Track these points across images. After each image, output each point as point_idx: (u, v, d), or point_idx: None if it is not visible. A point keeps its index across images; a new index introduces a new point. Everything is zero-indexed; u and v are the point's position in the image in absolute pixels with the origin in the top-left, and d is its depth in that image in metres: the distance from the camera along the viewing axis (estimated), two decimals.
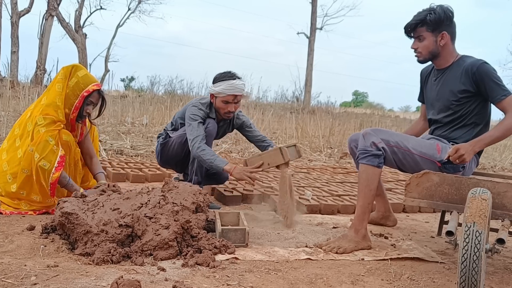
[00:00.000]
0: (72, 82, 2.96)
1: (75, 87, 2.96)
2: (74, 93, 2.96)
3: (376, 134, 2.56)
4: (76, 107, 2.98)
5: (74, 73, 2.98)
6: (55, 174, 2.76)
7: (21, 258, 2.05)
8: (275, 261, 2.28)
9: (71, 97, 2.97)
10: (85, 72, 3.02)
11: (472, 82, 2.57)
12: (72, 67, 3.00)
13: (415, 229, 3.19)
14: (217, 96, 3.31)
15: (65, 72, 2.97)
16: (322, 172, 5.45)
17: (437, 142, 2.62)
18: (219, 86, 3.28)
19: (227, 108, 3.32)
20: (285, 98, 22.66)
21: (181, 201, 2.45)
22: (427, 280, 2.18)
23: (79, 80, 2.97)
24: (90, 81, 3.00)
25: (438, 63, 2.73)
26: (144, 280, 1.87)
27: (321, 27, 23.06)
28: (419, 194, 2.32)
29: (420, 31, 2.65)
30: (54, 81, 3.00)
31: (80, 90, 2.97)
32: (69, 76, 2.97)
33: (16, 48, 16.32)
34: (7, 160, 2.88)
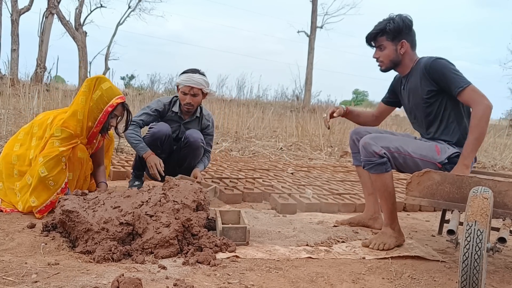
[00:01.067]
0: (96, 95, 2.91)
1: (99, 100, 2.91)
2: (98, 106, 2.92)
3: (375, 142, 2.56)
4: (100, 121, 2.94)
5: (98, 85, 2.92)
6: (59, 194, 2.72)
7: (21, 256, 2.05)
8: (276, 260, 2.28)
9: (95, 111, 2.92)
10: (109, 84, 2.96)
11: (432, 80, 2.57)
12: (96, 79, 2.95)
13: (416, 228, 3.19)
14: (179, 87, 3.53)
15: (89, 84, 2.92)
16: (322, 170, 5.45)
17: (435, 144, 2.62)
18: (180, 78, 3.52)
19: (185, 99, 3.50)
20: (285, 96, 22.67)
21: (182, 199, 2.45)
22: (428, 279, 2.18)
23: (103, 93, 2.92)
24: (114, 94, 2.95)
25: (400, 70, 2.77)
26: (145, 278, 1.87)
27: (322, 25, 23.03)
28: (420, 192, 2.32)
29: (380, 41, 2.68)
30: (79, 93, 2.96)
31: (104, 104, 2.92)
32: (93, 89, 2.92)
33: (16, 46, 16.29)
34: (18, 153, 2.87)
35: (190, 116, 3.62)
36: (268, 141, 7.83)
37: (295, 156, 6.73)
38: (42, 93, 8.86)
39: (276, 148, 7.14)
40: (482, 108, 2.43)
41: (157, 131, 3.42)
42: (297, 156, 6.74)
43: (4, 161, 2.89)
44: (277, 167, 5.30)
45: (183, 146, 3.51)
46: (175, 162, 3.59)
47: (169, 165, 3.53)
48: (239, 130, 8.44)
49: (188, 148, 3.51)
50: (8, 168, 2.85)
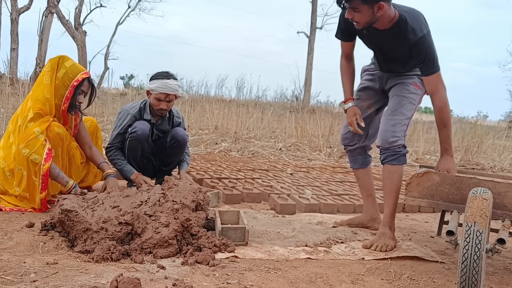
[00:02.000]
0: (60, 73, 2.94)
1: (64, 77, 2.94)
2: (64, 83, 2.94)
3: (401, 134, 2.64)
4: (67, 97, 2.96)
5: (61, 64, 2.95)
6: (45, 165, 2.75)
7: (20, 255, 2.05)
8: (275, 260, 2.27)
9: (61, 88, 2.94)
10: (72, 62, 3.00)
11: (413, 52, 2.57)
12: (59, 58, 2.98)
13: (415, 229, 3.19)
14: (151, 93, 3.40)
15: (52, 63, 2.95)
16: (321, 171, 5.45)
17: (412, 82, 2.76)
18: (153, 84, 3.36)
19: (159, 105, 3.40)
20: (285, 97, 22.67)
21: (181, 199, 2.45)
22: (427, 280, 2.17)
23: (68, 70, 2.94)
24: (78, 70, 2.98)
25: (376, 25, 2.61)
26: (144, 278, 1.87)
27: (321, 26, 23.03)
28: (420, 193, 2.32)
29: (355, 4, 2.46)
30: (42, 74, 2.98)
31: (70, 80, 2.94)
32: (56, 68, 2.94)
33: (15, 45, 16.28)
34: (3, 157, 2.87)
35: (161, 117, 3.56)
36: (268, 142, 7.83)
37: (294, 157, 6.73)
38: None
39: (275, 149, 7.14)
40: (443, 97, 2.56)
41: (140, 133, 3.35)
42: (296, 157, 6.74)
43: None
44: (276, 168, 5.30)
45: (170, 145, 3.48)
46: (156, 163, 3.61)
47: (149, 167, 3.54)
48: (238, 131, 8.43)
49: (177, 147, 3.52)
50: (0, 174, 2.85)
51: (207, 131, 8.36)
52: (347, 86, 2.92)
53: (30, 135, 2.76)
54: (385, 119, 2.76)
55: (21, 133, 2.82)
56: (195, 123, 8.95)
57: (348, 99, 2.88)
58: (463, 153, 7.99)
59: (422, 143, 8.57)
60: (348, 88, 2.92)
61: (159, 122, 3.53)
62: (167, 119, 3.57)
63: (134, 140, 3.32)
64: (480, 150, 8.13)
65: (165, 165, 3.60)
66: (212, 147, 6.77)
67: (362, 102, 2.95)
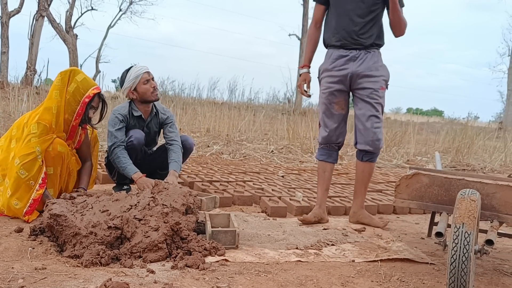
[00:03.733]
0: (71, 88, 2.90)
1: (75, 92, 2.90)
2: (75, 99, 2.91)
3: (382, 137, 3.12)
4: (78, 113, 2.93)
5: (72, 78, 2.91)
6: (38, 191, 2.71)
7: (8, 260, 2.03)
8: (265, 263, 2.27)
9: (72, 103, 2.91)
10: (83, 76, 2.96)
11: None
12: (70, 71, 2.94)
13: (405, 231, 3.20)
14: (137, 83, 3.41)
15: (63, 77, 2.91)
16: (313, 173, 5.45)
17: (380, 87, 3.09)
18: (131, 75, 3.41)
19: (151, 85, 3.43)
20: (277, 99, 22.75)
21: (171, 203, 2.44)
22: (417, 282, 2.18)
23: (79, 85, 2.91)
24: (89, 86, 2.95)
25: None
26: (133, 283, 1.86)
27: None
28: (409, 195, 2.33)
29: None
30: (52, 87, 2.94)
31: (81, 96, 2.91)
32: (67, 82, 2.91)
33: (6, 48, 16.18)
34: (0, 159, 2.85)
35: (150, 115, 3.56)
36: (259, 144, 7.84)
37: (286, 159, 6.73)
38: (31, 96, 8.81)
39: (267, 151, 7.14)
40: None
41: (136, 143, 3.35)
42: (288, 159, 6.75)
43: None
44: (267, 170, 5.30)
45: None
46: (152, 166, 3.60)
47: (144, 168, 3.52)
48: (230, 133, 8.43)
49: (185, 154, 3.61)
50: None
51: (199, 134, 8.36)
52: (308, 54, 3.31)
53: (30, 154, 2.70)
54: (366, 125, 3.07)
55: (23, 144, 2.77)
56: (187, 126, 8.94)
57: (305, 65, 3.29)
58: (454, 154, 8.04)
59: (413, 145, 8.61)
60: (309, 55, 3.31)
61: (148, 120, 3.54)
62: (156, 116, 3.58)
63: (129, 149, 3.33)
64: (470, 151, 8.19)
65: (163, 169, 3.58)
66: (204, 150, 6.77)
67: (336, 105, 3.14)
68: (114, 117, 3.40)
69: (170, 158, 3.42)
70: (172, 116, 3.67)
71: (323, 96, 3.14)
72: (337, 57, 3.08)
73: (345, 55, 3.06)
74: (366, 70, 3.03)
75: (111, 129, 3.37)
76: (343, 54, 3.07)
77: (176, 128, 3.64)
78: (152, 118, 3.56)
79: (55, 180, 2.90)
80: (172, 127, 3.60)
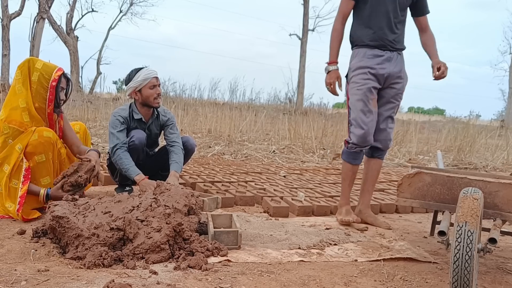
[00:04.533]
0: (35, 77, 2.89)
1: (40, 79, 2.90)
2: (42, 86, 2.90)
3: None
4: (50, 99, 2.93)
5: (32, 67, 2.90)
6: (22, 188, 2.73)
7: (11, 262, 2.03)
8: (267, 263, 2.27)
9: (41, 91, 2.91)
10: (42, 62, 2.96)
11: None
12: (28, 61, 2.92)
13: (408, 230, 3.19)
14: (142, 86, 3.40)
15: (23, 69, 2.90)
16: (315, 173, 5.45)
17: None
18: (139, 77, 3.39)
19: (155, 91, 3.42)
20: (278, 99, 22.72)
21: (173, 204, 2.44)
22: (420, 281, 2.18)
23: (41, 72, 2.90)
24: (51, 69, 2.95)
25: None
26: (136, 284, 1.86)
27: (313, 28, 23.15)
28: (411, 194, 2.33)
29: None
30: (14, 82, 2.92)
31: (47, 81, 2.91)
32: (28, 73, 2.90)
33: (7, 51, 16.19)
34: None
35: (151, 117, 3.55)
36: (261, 144, 7.83)
37: (288, 159, 6.73)
38: None
39: (268, 151, 7.14)
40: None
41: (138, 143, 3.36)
42: (289, 159, 6.74)
43: None
44: (269, 170, 5.29)
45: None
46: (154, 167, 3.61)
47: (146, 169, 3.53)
48: (231, 134, 8.43)
49: (187, 155, 3.64)
50: None
51: (200, 134, 8.36)
52: (336, 49, 3.17)
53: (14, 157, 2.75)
54: (381, 126, 3.14)
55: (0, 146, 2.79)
56: (188, 126, 8.94)
57: (334, 62, 3.13)
58: (456, 152, 8.03)
59: (415, 144, 8.60)
60: (336, 51, 3.17)
61: (150, 122, 3.54)
62: (157, 118, 3.58)
63: (131, 150, 3.34)
64: (472, 150, 8.18)
65: (165, 170, 3.57)
66: (206, 151, 6.76)
67: (373, 102, 3.07)
68: (115, 119, 3.40)
69: (171, 159, 3.43)
70: (173, 117, 3.67)
71: (359, 93, 3.03)
72: (373, 56, 3.05)
73: (380, 55, 3.04)
74: (399, 72, 3.09)
75: (113, 130, 3.37)
76: (378, 54, 3.04)
77: (177, 129, 3.65)
78: (153, 120, 3.57)
79: (49, 167, 2.91)
80: (173, 128, 3.60)
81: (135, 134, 3.36)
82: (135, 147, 3.34)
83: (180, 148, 3.52)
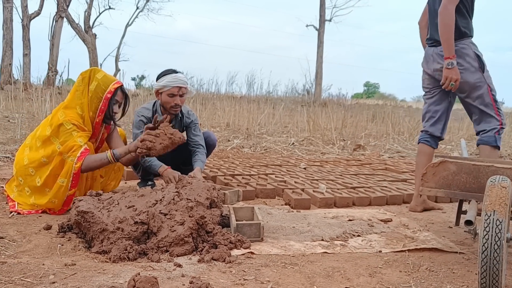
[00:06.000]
0: (93, 86, 2.94)
1: (97, 89, 2.94)
2: (97, 96, 2.95)
3: None
4: (101, 109, 2.97)
5: (93, 76, 2.96)
6: (77, 164, 2.78)
7: (39, 257, 2.07)
8: (291, 255, 2.26)
9: (95, 101, 2.95)
10: (103, 73, 3.00)
11: None
12: (90, 71, 2.99)
13: (432, 220, 3.15)
14: (163, 91, 3.37)
15: (84, 77, 2.96)
16: (335, 164, 5.41)
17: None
18: (163, 80, 3.35)
19: (173, 101, 3.37)
20: (296, 91, 22.65)
21: (195, 197, 2.45)
22: (447, 271, 2.15)
23: (99, 82, 2.95)
24: (110, 81, 2.98)
25: None
26: (161, 277, 1.87)
27: (330, 18, 22.90)
28: (436, 183, 2.28)
29: None
30: (74, 88, 2.99)
31: (102, 92, 2.95)
32: (88, 81, 2.95)
33: (27, 50, 16.47)
34: (28, 156, 2.89)
35: (174, 119, 3.54)
36: (280, 137, 7.82)
37: (307, 151, 6.70)
38: (54, 96, 8.96)
39: (287, 144, 7.12)
40: None
41: None
42: (309, 151, 6.71)
43: (18, 166, 2.91)
44: (289, 163, 5.28)
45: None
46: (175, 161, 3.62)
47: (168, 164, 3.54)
48: (250, 127, 8.43)
49: (208, 150, 3.68)
50: (23, 170, 2.87)
51: (219, 128, 8.38)
52: (453, 41, 3.01)
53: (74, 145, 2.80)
54: None
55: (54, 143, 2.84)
56: (206, 121, 8.98)
57: (454, 55, 3.01)
58: None
59: None
60: (453, 43, 3.01)
61: (172, 124, 3.54)
62: (180, 120, 3.58)
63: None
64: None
65: (186, 164, 3.60)
66: (225, 144, 6.78)
67: None
68: (138, 119, 3.43)
69: (195, 158, 3.47)
70: (196, 119, 3.68)
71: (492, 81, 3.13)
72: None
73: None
74: None
75: (136, 131, 3.41)
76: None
77: (200, 131, 3.67)
78: (176, 122, 3.57)
79: (80, 183, 2.94)
80: (196, 130, 3.62)
81: None
82: None
83: (204, 151, 3.56)
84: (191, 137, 3.58)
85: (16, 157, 2.98)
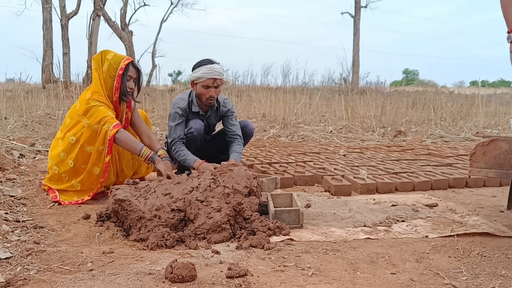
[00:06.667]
0: (105, 67, 2.98)
1: (109, 69, 2.98)
2: (110, 75, 2.98)
3: None
4: (116, 87, 2.99)
5: (104, 58, 3.00)
6: (112, 130, 2.83)
7: (77, 246, 2.07)
8: (332, 242, 2.18)
9: (109, 81, 2.99)
10: (113, 53, 3.04)
11: None
12: (101, 53, 3.04)
13: (482, 204, 2.98)
14: (197, 82, 3.32)
15: (97, 60, 3.01)
16: (376, 151, 5.26)
17: None
18: (198, 72, 3.29)
19: (208, 93, 3.32)
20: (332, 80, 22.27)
21: (233, 185, 2.40)
22: (500, 256, 2.00)
23: (110, 62, 2.98)
24: (120, 59, 3.01)
25: None
26: (199, 263, 1.83)
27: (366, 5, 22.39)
28: (486, 163, 2.14)
29: None
30: (92, 71, 3.06)
31: (115, 70, 2.98)
32: (101, 63, 3.00)
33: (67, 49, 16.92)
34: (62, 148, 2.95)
35: (210, 108, 3.50)
36: (317, 126, 7.69)
37: (346, 139, 6.55)
38: None
39: (325, 132, 6.99)
40: None
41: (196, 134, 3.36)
42: (348, 139, 6.56)
43: (52, 156, 2.98)
44: (328, 150, 5.16)
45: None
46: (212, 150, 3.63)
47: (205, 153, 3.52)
48: (286, 117, 8.33)
49: (245, 139, 3.62)
50: (55, 158, 2.95)
51: (255, 119, 8.33)
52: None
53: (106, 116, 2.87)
54: None
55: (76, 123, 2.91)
56: (242, 112, 8.94)
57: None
58: None
59: (482, 117, 8.12)
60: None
61: (208, 114, 3.51)
62: (217, 110, 3.54)
63: (190, 140, 3.36)
64: None
65: (223, 153, 3.56)
66: (261, 134, 6.72)
67: None
68: (174, 111, 3.40)
69: (232, 148, 3.42)
70: (232, 108, 3.62)
71: None
72: None
73: None
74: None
75: (171, 123, 3.39)
76: None
77: (237, 120, 3.60)
78: (212, 112, 3.53)
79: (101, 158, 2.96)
80: (232, 119, 3.56)
81: (194, 125, 3.35)
82: (193, 138, 3.36)
83: (241, 141, 3.50)
84: (228, 127, 3.53)
85: (50, 152, 3.04)
